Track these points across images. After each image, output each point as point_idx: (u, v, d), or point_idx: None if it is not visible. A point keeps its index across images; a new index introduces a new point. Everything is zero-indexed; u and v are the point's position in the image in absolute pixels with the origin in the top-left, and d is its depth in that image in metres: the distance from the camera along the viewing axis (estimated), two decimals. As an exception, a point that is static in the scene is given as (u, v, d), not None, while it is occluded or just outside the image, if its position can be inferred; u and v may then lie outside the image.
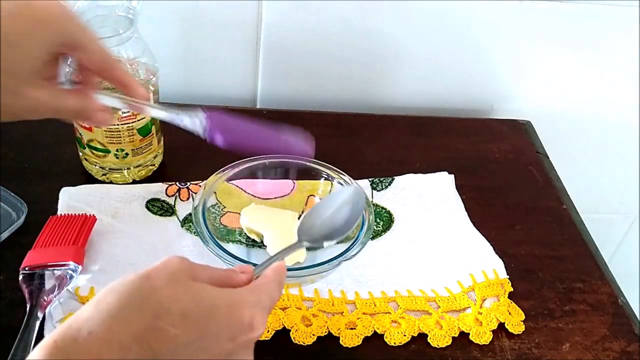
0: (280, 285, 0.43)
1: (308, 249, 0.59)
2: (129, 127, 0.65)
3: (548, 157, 0.85)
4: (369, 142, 0.82)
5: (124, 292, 0.36)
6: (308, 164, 0.67)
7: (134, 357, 0.34)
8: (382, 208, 0.70)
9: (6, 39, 0.41)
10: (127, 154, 0.67)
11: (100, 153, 0.67)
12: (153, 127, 0.68)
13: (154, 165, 0.72)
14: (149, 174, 0.71)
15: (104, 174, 0.69)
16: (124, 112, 0.64)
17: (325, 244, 0.55)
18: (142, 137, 0.67)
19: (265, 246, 0.63)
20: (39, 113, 0.46)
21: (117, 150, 0.67)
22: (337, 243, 0.64)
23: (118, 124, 0.65)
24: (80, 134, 0.67)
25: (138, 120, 0.66)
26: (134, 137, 0.67)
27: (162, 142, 0.72)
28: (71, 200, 0.66)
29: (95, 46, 0.47)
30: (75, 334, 0.34)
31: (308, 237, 0.54)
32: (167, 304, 0.36)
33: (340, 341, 0.57)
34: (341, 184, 0.67)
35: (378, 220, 0.69)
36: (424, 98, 0.92)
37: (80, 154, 0.70)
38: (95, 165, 0.69)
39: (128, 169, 0.69)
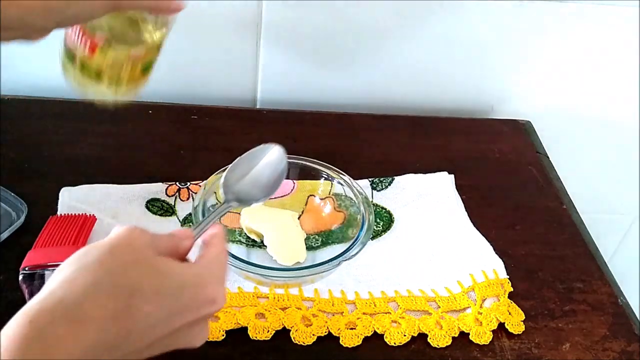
0: (226, 251, 0.44)
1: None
2: (133, 62, 0.61)
3: (548, 157, 0.85)
4: (369, 142, 0.82)
5: (95, 271, 0.36)
6: (308, 164, 0.67)
7: (110, 336, 0.34)
8: (382, 208, 0.71)
9: None
10: (120, 85, 0.63)
11: (93, 78, 0.62)
12: (154, 64, 0.64)
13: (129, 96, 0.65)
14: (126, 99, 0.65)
15: (74, 82, 0.63)
16: (137, 52, 0.61)
17: (254, 204, 0.54)
18: (143, 72, 0.64)
19: (265, 246, 0.63)
20: (114, 4, 0.49)
21: (111, 79, 0.62)
22: (337, 243, 0.64)
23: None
24: (75, 49, 0.61)
25: (145, 59, 0.62)
26: (135, 72, 0.63)
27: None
28: (71, 200, 0.66)
29: None
30: (49, 315, 0.34)
31: (234, 197, 0.52)
32: (138, 283, 0.36)
33: (340, 341, 0.57)
34: (341, 184, 0.67)
35: (378, 220, 0.69)
36: (424, 98, 0.92)
37: (63, 65, 0.64)
38: (71, 73, 0.63)
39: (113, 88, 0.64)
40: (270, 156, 0.55)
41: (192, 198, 0.68)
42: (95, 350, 0.34)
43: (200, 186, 0.65)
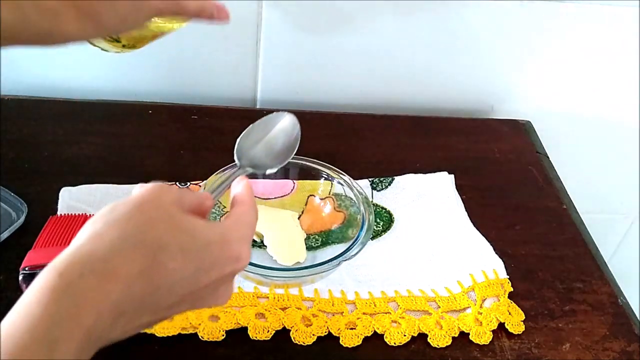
0: (254, 209, 0.45)
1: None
2: (155, 35, 0.61)
3: (548, 157, 0.85)
4: (369, 142, 0.82)
5: (123, 227, 0.36)
6: (308, 164, 0.67)
7: (137, 291, 0.35)
8: (382, 208, 0.71)
9: None
10: (134, 48, 0.62)
11: (110, 42, 0.61)
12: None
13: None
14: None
15: None
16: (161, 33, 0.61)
17: (268, 170, 0.54)
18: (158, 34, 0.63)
19: (265, 246, 0.63)
20: (160, 16, 0.49)
21: (129, 42, 0.61)
22: (337, 243, 0.64)
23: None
24: None
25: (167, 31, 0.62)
26: (153, 39, 0.62)
27: None
28: (71, 200, 0.66)
29: None
30: (80, 268, 0.34)
31: (249, 162, 0.53)
32: (166, 239, 0.37)
33: (340, 341, 0.57)
34: (341, 184, 0.67)
35: (378, 220, 0.69)
36: (424, 98, 0.92)
37: None
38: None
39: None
40: (284, 123, 0.55)
41: (192, 198, 0.68)
42: (122, 304, 0.34)
43: (200, 186, 0.65)
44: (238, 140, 0.53)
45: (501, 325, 0.60)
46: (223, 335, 0.56)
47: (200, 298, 0.40)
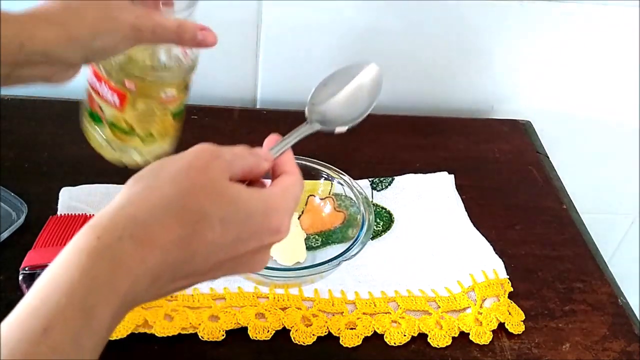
0: (302, 182, 0.44)
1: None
2: (164, 108, 0.60)
3: (548, 157, 0.85)
4: (369, 142, 0.82)
5: (167, 193, 0.36)
6: (308, 163, 0.67)
7: (173, 259, 0.35)
8: (382, 208, 0.70)
9: None
10: (153, 136, 0.62)
11: (125, 135, 0.61)
12: (184, 110, 0.63)
13: (164, 151, 0.64)
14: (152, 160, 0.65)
15: (105, 146, 0.62)
16: (168, 95, 0.59)
17: (338, 129, 0.50)
18: (174, 119, 0.62)
19: (265, 246, 0.63)
20: (140, 34, 0.48)
21: (144, 132, 0.61)
22: (337, 243, 0.64)
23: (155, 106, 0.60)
24: (100, 109, 0.60)
25: (176, 103, 0.61)
26: (167, 120, 0.62)
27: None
28: (71, 200, 0.66)
29: None
30: (120, 232, 0.34)
31: (320, 117, 0.49)
32: (207, 208, 0.37)
33: (340, 341, 0.57)
34: (341, 184, 0.67)
35: (378, 220, 0.69)
36: (424, 98, 0.92)
37: (88, 125, 0.63)
38: (100, 137, 0.62)
39: (139, 152, 0.63)
40: (366, 76, 0.51)
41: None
42: (157, 270, 0.35)
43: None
44: (312, 90, 0.49)
45: (501, 325, 0.60)
46: (223, 335, 0.56)
47: (236, 265, 0.40)
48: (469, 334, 0.59)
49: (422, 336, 0.59)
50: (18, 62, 0.44)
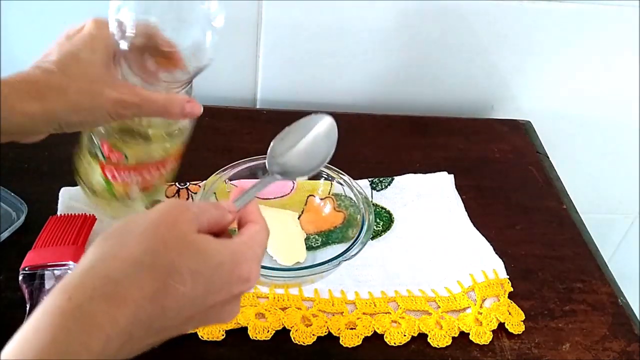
0: (267, 229, 0.44)
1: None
2: (160, 175, 0.61)
3: (548, 157, 0.85)
4: (369, 142, 0.82)
5: (136, 249, 0.36)
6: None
7: (146, 315, 0.35)
8: (382, 208, 0.70)
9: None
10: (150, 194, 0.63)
11: (114, 198, 0.61)
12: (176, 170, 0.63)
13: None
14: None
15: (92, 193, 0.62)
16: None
17: (299, 178, 0.52)
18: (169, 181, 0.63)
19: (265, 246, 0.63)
20: (123, 111, 0.48)
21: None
22: (337, 243, 0.64)
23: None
24: (108, 178, 0.60)
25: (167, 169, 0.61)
26: (160, 181, 0.62)
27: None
28: (71, 200, 0.66)
29: None
30: (90, 292, 0.34)
31: (280, 169, 0.50)
32: (177, 263, 0.37)
33: (340, 341, 0.57)
34: (340, 184, 0.67)
35: (378, 220, 0.69)
36: (424, 98, 0.92)
37: (84, 159, 0.62)
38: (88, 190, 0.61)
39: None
40: (321, 127, 0.53)
41: (192, 198, 0.68)
42: (130, 329, 0.34)
43: (199, 186, 0.65)
44: (271, 144, 0.50)
45: (501, 325, 0.60)
46: (223, 335, 0.56)
47: (206, 318, 0.40)
48: (469, 334, 0.59)
49: (422, 336, 0.59)
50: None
